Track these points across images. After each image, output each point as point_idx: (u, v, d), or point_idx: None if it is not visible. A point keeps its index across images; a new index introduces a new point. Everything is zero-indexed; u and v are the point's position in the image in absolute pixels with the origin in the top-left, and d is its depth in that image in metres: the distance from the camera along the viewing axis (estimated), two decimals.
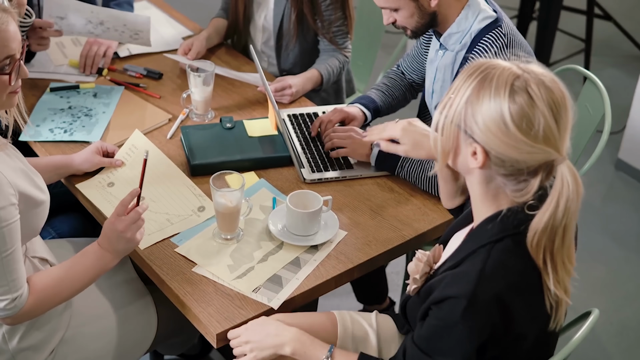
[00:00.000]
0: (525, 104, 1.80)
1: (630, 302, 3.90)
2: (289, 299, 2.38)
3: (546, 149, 1.81)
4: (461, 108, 1.86)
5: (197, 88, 3.02)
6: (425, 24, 2.73)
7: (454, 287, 1.89)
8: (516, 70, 1.84)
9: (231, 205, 2.47)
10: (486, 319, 1.86)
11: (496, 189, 1.92)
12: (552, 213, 1.82)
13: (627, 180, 4.64)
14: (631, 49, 5.76)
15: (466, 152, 1.89)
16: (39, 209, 2.33)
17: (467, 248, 1.95)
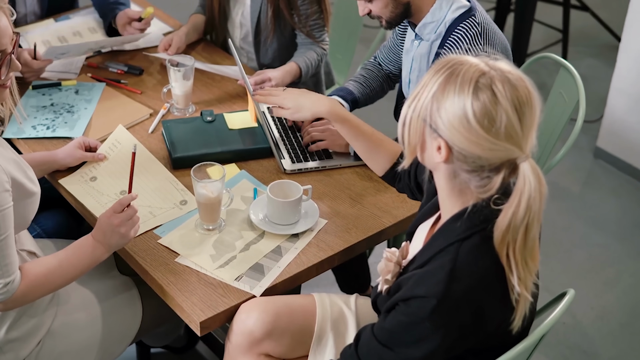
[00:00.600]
0: (488, 102, 1.81)
1: (610, 288, 3.95)
2: (271, 286, 2.42)
3: (508, 147, 1.82)
4: (427, 103, 1.87)
5: (178, 83, 3.05)
6: (400, 14, 2.77)
7: (423, 287, 1.90)
8: (483, 67, 1.85)
9: (212, 195, 2.51)
10: (455, 318, 1.88)
11: (461, 184, 1.93)
12: (513, 211, 1.83)
13: (605, 168, 4.69)
14: (608, 38, 5.80)
15: (432, 146, 1.90)
16: (31, 200, 2.37)
17: (436, 246, 1.96)
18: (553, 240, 4.20)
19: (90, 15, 3.71)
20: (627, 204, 4.46)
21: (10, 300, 2.29)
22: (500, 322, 1.93)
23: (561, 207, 4.42)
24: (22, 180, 2.31)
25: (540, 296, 3.47)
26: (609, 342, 3.68)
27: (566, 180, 4.59)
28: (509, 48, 2.81)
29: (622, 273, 4.03)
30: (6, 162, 2.24)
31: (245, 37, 3.50)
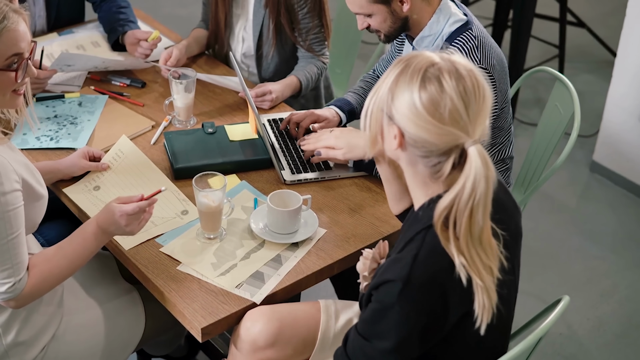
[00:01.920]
0: (434, 89, 1.92)
1: (606, 299, 3.98)
2: (271, 293, 2.46)
3: (454, 131, 1.91)
4: (385, 93, 1.99)
5: (179, 95, 3.09)
6: (398, 29, 2.82)
7: (391, 272, 1.97)
8: (434, 59, 1.96)
9: (213, 205, 2.55)
10: (421, 301, 1.94)
11: (422, 174, 2.02)
12: (457, 193, 1.91)
13: (601, 182, 4.73)
14: (604, 54, 5.85)
15: (389, 135, 2.01)
16: (39, 203, 2.41)
17: (406, 236, 2.05)
18: (550, 252, 4.24)
19: (94, 29, 3.75)
20: (623, 217, 4.50)
21: (21, 297, 2.33)
22: (466, 312, 1.99)
23: (558, 220, 4.46)
24: (32, 182, 2.36)
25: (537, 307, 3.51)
26: (605, 353, 3.71)
27: (563, 193, 4.63)
28: (505, 62, 2.86)
29: (618, 285, 4.07)
30: (17, 164, 2.30)
31: (247, 51, 3.54)
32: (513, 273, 2.15)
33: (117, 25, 3.60)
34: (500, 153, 2.98)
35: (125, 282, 2.78)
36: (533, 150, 3.33)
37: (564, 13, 5.39)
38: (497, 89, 2.76)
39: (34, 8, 3.61)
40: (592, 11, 6.38)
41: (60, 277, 2.40)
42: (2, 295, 2.31)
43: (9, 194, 2.23)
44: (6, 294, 2.30)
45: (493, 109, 2.74)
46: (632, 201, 4.60)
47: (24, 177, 2.31)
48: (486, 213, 1.93)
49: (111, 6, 3.71)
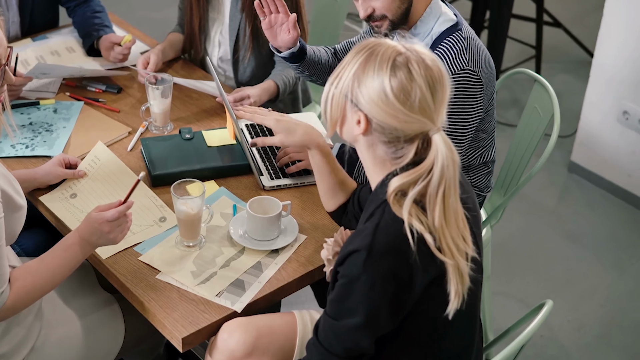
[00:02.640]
0: (404, 78, 1.98)
1: (586, 300, 3.98)
2: (252, 301, 2.44)
3: (422, 119, 1.99)
4: (349, 80, 2.03)
5: (156, 100, 3.06)
6: (403, 14, 2.75)
7: (354, 243, 2.03)
8: (400, 48, 2.02)
9: (192, 212, 2.52)
10: (386, 267, 1.99)
11: (381, 156, 2.09)
12: (420, 174, 1.98)
13: (580, 182, 4.73)
14: (581, 54, 5.86)
15: (352, 120, 2.06)
16: (18, 214, 2.38)
17: (367, 213, 2.12)
18: (529, 254, 4.23)
19: (69, 35, 3.72)
20: (602, 218, 4.50)
21: (2, 311, 2.29)
22: (431, 281, 2.02)
23: (537, 221, 4.45)
24: (11, 193, 2.32)
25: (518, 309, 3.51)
26: (586, 355, 3.70)
27: (541, 195, 4.63)
28: (492, 64, 2.84)
29: (598, 286, 4.07)
30: None
31: (223, 55, 3.52)
32: (479, 269, 2.16)
33: (92, 30, 3.57)
34: (482, 156, 2.96)
35: (104, 291, 2.75)
36: (512, 152, 3.32)
37: (540, 13, 5.40)
38: (483, 91, 2.74)
39: (7, 13, 3.57)
40: (568, 11, 6.38)
41: (43, 290, 2.37)
42: None
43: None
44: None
45: (478, 111, 2.73)
46: (611, 202, 4.60)
47: (3, 188, 2.28)
48: (457, 195, 2.02)
49: (85, 11, 3.68)
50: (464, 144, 2.79)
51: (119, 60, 3.46)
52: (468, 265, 2.02)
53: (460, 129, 2.75)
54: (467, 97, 2.72)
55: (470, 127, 2.77)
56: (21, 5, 3.60)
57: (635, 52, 4.28)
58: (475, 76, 2.71)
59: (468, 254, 2.03)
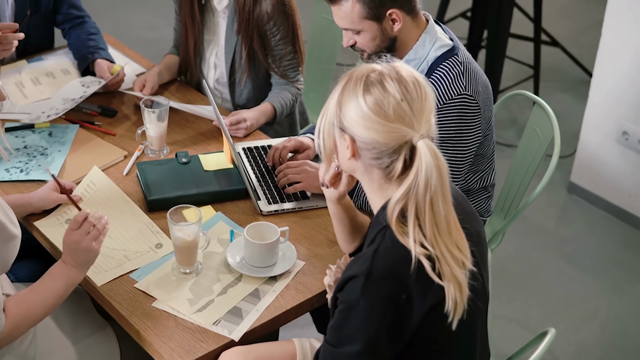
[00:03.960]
0: (378, 92, 2.00)
1: (587, 323, 3.94)
2: (250, 330, 2.40)
3: (400, 127, 1.99)
4: (334, 108, 2.07)
5: (152, 124, 3.03)
6: (385, 48, 2.76)
7: (353, 269, 2.02)
8: (375, 67, 2.06)
9: (189, 239, 2.49)
10: (385, 293, 1.97)
11: (378, 180, 2.09)
12: (410, 185, 1.97)
13: (579, 203, 4.70)
14: (579, 73, 5.84)
15: (342, 147, 2.09)
16: (11, 244, 2.35)
17: (369, 239, 2.13)
18: (529, 276, 4.20)
19: (64, 56, 3.69)
20: (602, 239, 4.47)
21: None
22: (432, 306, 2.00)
23: (536, 243, 4.42)
24: (5, 221, 2.29)
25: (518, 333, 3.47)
26: None
27: (540, 216, 4.60)
28: (490, 87, 2.81)
29: (598, 308, 4.03)
30: None
31: (219, 78, 3.49)
32: (483, 284, 2.15)
33: (87, 52, 3.55)
34: (482, 180, 2.93)
35: (99, 317, 2.72)
36: (512, 175, 3.30)
37: (538, 32, 5.38)
38: (481, 116, 2.72)
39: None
40: (566, 30, 6.38)
41: (37, 317, 2.35)
42: None
43: None
44: None
45: (477, 135, 2.71)
46: (611, 222, 4.57)
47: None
48: (447, 202, 1.99)
49: (80, 33, 3.66)
50: (462, 168, 2.76)
51: (113, 88, 3.43)
52: (465, 273, 2.00)
53: (459, 154, 2.72)
54: (464, 121, 2.69)
55: (469, 151, 2.75)
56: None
57: (634, 71, 4.26)
58: (472, 101, 2.69)
59: (465, 263, 2.01)
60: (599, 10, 4.84)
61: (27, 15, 3.57)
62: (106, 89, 3.44)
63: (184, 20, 3.43)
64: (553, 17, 6.53)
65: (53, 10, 3.71)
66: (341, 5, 2.70)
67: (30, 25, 3.61)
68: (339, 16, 2.73)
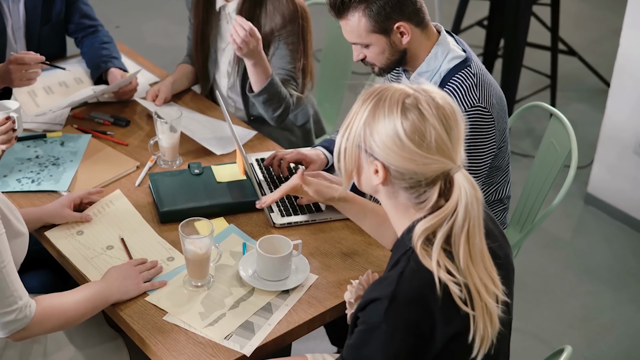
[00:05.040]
0: (416, 119, 1.92)
1: (603, 337, 3.90)
2: (262, 345, 2.37)
3: (440, 159, 1.93)
4: (360, 129, 1.98)
5: (164, 135, 3.01)
6: (395, 62, 2.74)
7: (376, 291, 1.97)
8: (407, 90, 1.97)
9: (201, 252, 2.46)
10: (407, 318, 1.92)
11: (404, 203, 2.03)
12: (446, 215, 1.93)
13: (596, 214, 4.67)
14: (596, 82, 5.81)
15: (369, 170, 2.02)
16: (19, 240, 2.37)
17: (392, 260, 2.06)
18: (545, 288, 4.16)
19: (77, 64, 3.68)
20: (619, 251, 4.43)
21: (28, 327, 2.30)
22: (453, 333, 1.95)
23: (552, 255, 4.39)
24: (10, 217, 2.32)
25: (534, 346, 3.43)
26: None
27: (557, 227, 4.56)
28: (504, 99, 2.78)
29: (615, 321, 3.99)
30: None
31: (232, 86, 3.47)
32: (509, 311, 2.10)
33: (100, 61, 3.55)
34: (497, 193, 2.90)
35: (110, 329, 2.71)
36: (528, 188, 3.27)
37: (555, 41, 5.35)
38: (495, 128, 2.69)
39: (15, 46, 3.54)
40: (583, 39, 6.35)
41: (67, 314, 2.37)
42: (14, 325, 2.27)
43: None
44: (15, 322, 2.27)
45: (491, 147, 2.68)
46: (628, 234, 4.53)
47: (2, 211, 2.28)
48: (482, 234, 1.96)
49: (93, 42, 3.65)
50: (477, 181, 2.73)
51: (126, 97, 3.42)
52: (499, 307, 1.97)
53: (473, 166, 2.70)
54: (479, 133, 2.67)
55: (484, 164, 2.72)
56: (28, 37, 3.57)
57: None
58: (486, 112, 2.66)
59: (498, 297, 1.97)
60: (616, 19, 4.82)
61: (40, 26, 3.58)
62: (119, 98, 3.42)
63: (197, 28, 3.41)
64: (570, 26, 6.50)
65: (65, 20, 3.71)
66: (348, 20, 2.68)
67: (42, 35, 3.61)
68: (346, 30, 2.72)
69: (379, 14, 2.63)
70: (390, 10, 2.64)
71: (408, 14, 2.66)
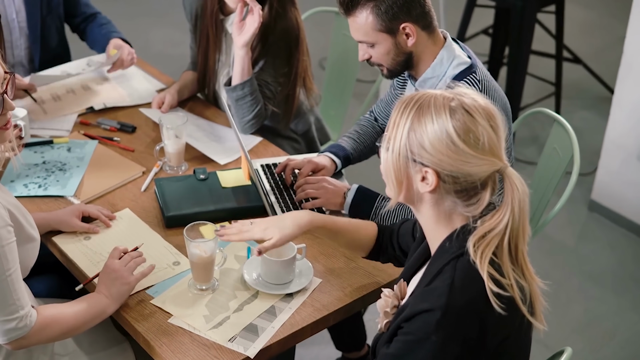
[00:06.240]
0: (467, 120, 1.91)
1: (607, 342, 3.92)
2: (265, 347, 2.39)
3: (492, 159, 1.91)
4: (405, 139, 1.94)
5: (170, 140, 3.04)
6: (401, 63, 2.76)
7: (426, 302, 1.92)
8: (447, 94, 1.95)
9: (205, 255, 2.49)
10: (460, 329, 1.89)
11: (448, 210, 1.99)
12: (510, 217, 1.91)
13: (600, 221, 4.68)
14: (601, 90, 5.83)
15: (416, 179, 1.97)
16: (31, 245, 2.39)
17: (433, 270, 1.99)
18: (549, 294, 4.14)
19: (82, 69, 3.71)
20: (623, 257, 4.45)
21: (27, 336, 2.30)
22: (503, 338, 1.95)
23: (557, 261, 4.40)
24: (23, 223, 2.33)
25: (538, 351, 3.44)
26: None
27: (561, 234, 4.58)
28: (508, 105, 2.80)
29: (618, 327, 4.00)
30: (6, 202, 2.27)
31: None
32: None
33: (105, 41, 3.72)
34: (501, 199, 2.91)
35: (117, 332, 2.73)
36: (531, 193, 3.27)
37: (560, 49, 5.37)
38: None
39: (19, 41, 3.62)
40: (588, 47, 6.37)
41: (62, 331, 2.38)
42: (14, 333, 2.28)
43: (1, 229, 2.20)
44: (16, 330, 2.27)
45: None
46: (632, 241, 4.55)
47: (15, 216, 2.29)
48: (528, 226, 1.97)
49: (94, 27, 3.84)
50: None
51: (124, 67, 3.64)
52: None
53: None
54: None
55: None
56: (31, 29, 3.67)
57: None
58: None
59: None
60: (621, 27, 4.83)
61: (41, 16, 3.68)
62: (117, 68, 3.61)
63: (203, 42, 3.44)
64: (575, 34, 6.52)
65: (69, 14, 3.83)
66: (356, 17, 2.71)
67: (45, 27, 3.66)
68: (353, 28, 2.74)
69: (386, 13, 2.66)
70: (398, 10, 2.66)
71: (415, 16, 2.69)
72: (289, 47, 3.32)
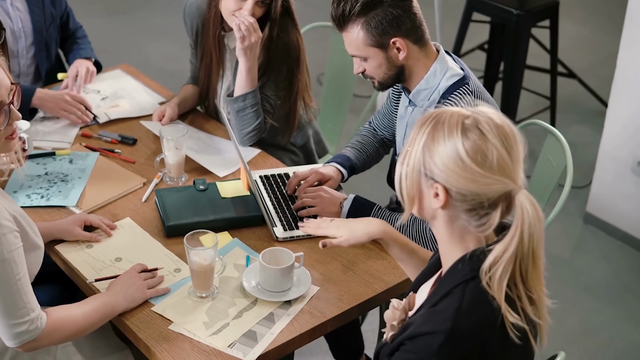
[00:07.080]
0: (477, 139, 1.89)
1: (602, 352, 3.94)
2: (264, 353, 2.43)
3: (502, 179, 1.89)
4: (419, 155, 1.95)
5: (170, 152, 3.08)
6: (393, 77, 2.82)
7: (430, 324, 1.92)
8: (465, 112, 1.95)
9: (205, 263, 2.53)
10: (461, 354, 1.90)
11: (461, 229, 1.98)
12: (518, 241, 1.89)
13: (595, 233, 4.71)
14: (596, 105, 5.86)
15: (429, 195, 1.97)
16: (35, 253, 2.43)
17: (441, 290, 1.99)
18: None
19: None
20: (618, 269, 4.48)
21: (38, 338, 2.35)
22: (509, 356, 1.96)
23: (552, 272, 4.39)
24: (28, 230, 2.38)
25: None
26: None
27: (557, 246, 4.61)
28: None
29: (614, 338, 4.04)
30: (11, 210, 2.32)
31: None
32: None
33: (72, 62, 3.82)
34: None
35: (118, 339, 2.76)
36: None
37: (554, 64, 5.42)
38: None
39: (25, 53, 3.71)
40: (582, 62, 6.41)
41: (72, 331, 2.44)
42: (26, 336, 2.33)
43: (9, 234, 2.25)
44: (27, 333, 2.32)
45: None
46: (627, 252, 4.58)
47: (19, 224, 2.33)
48: (543, 254, 1.96)
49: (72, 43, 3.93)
50: None
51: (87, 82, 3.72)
52: None
53: None
54: None
55: None
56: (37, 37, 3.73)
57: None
58: None
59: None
60: (612, 43, 4.87)
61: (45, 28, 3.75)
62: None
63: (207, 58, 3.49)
64: (570, 49, 6.57)
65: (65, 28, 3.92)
66: (348, 32, 2.77)
67: (48, 36, 3.75)
68: (347, 43, 2.81)
69: (376, 28, 2.72)
70: (388, 26, 2.72)
71: (405, 31, 2.74)
72: (290, 67, 3.37)
